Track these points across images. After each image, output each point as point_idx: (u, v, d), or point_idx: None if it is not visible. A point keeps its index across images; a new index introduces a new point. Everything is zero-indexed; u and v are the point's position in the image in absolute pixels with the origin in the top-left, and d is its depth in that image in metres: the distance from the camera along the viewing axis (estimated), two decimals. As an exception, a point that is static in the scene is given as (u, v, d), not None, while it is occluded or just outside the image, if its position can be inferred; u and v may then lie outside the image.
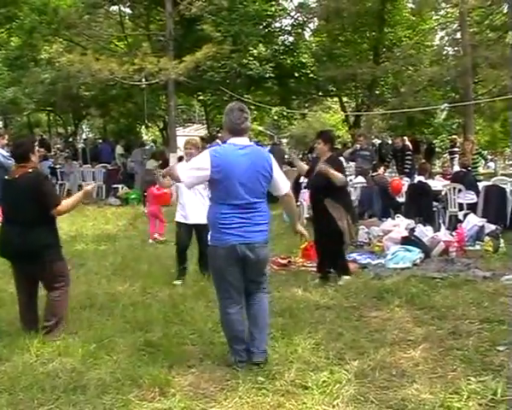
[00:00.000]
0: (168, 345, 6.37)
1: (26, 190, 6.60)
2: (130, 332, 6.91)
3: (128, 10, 28.48)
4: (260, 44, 23.37)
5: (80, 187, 23.61)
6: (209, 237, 5.95)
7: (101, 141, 36.34)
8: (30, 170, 6.72)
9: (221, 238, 5.73)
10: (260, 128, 42.78)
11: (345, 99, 32.74)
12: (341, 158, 20.76)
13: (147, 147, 32.21)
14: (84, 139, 37.97)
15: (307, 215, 15.56)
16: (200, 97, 31.50)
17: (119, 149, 26.01)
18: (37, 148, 7.64)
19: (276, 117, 28.39)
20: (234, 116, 5.86)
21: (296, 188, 17.38)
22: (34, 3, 23.51)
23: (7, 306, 8.05)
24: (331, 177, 8.95)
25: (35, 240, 6.62)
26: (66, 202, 6.93)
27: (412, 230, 11.88)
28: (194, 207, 9.22)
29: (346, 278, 9.37)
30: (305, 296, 8.51)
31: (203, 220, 7.43)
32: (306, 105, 33.93)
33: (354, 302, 8.19)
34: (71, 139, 36.30)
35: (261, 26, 24.79)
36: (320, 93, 31.66)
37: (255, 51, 23.07)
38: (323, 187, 9.12)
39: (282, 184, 6.06)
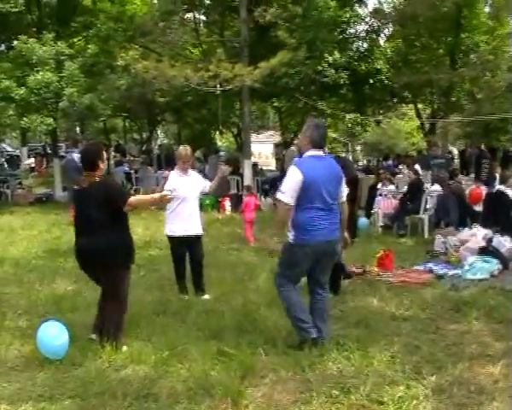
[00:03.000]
0: (241, 354, 6.29)
1: (96, 199, 6.60)
2: (203, 340, 6.87)
3: (203, 17, 28.64)
4: (335, 51, 23.14)
5: (153, 191, 23.95)
6: (291, 236, 6.51)
7: (176, 147, 36.74)
8: (97, 179, 6.70)
9: (309, 238, 6.43)
10: (334, 135, 42.53)
11: (420, 106, 32.14)
12: (417, 166, 20.60)
13: (221, 153, 32.46)
14: (159, 145, 38.42)
15: (382, 224, 15.38)
16: (275, 104, 31.42)
17: (197, 153, 26.18)
18: (113, 153, 7.71)
19: (349, 124, 28.07)
20: (319, 133, 6.68)
21: (371, 195, 17.21)
22: (110, 12, 23.85)
23: (81, 310, 8.15)
24: None
25: (107, 248, 6.61)
26: (139, 197, 7.02)
27: (490, 240, 11.53)
28: (197, 218, 9.07)
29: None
30: (381, 307, 8.34)
31: (201, 231, 8.93)
32: (381, 112, 33.41)
33: (431, 314, 8.00)
34: (145, 145, 36.78)
35: (336, 33, 24.56)
36: (395, 99, 31.16)
37: (330, 58, 22.88)
38: None
39: (344, 192, 6.91)
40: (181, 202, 8.69)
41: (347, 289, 9.39)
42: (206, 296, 8.93)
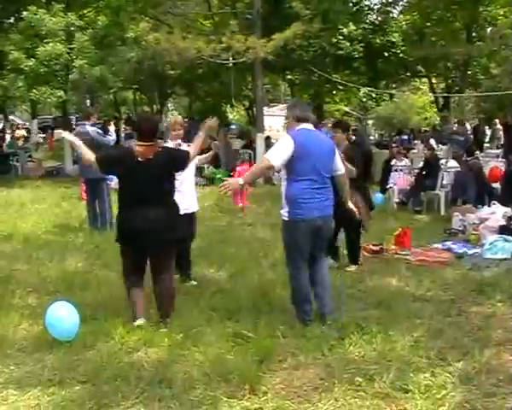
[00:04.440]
0: (258, 337, 6.04)
1: (163, 168, 6.39)
2: (218, 322, 6.61)
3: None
4: (350, 23, 22.73)
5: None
6: (284, 213, 6.46)
7: (187, 120, 36.45)
8: (159, 148, 6.51)
9: (302, 213, 6.32)
10: (347, 109, 42.14)
11: (434, 80, 31.75)
12: (432, 140, 20.30)
13: (233, 126, 32.13)
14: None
15: (397, 200, 15.10)
16: (288, 77, 31.07)
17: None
18: (123, 126, 7.46)
19: (363, 98, 27.77)
20: (301, 108, 6.76)
21: (386, 170, 16.94)
22: (121, -18, 23.53)
23: (92, 289, 7.92)
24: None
25: (168, 220, 6.43)
26: (191, 149, 6.78)
27: (510, 218, 11.26)
28: (193, 195, 8.66)
29: (354, 267, 9.15)
30: (400, 287, 8.09)
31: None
32: (394, 86, 33.06)
33: (452, 295, 7.73)
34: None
35: (350, 4, 24.16)
36: (409, 73, 30.78)
37: (345, 30, 22.49)
38: None
39: (340, 165, 6.86)
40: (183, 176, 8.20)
41: (365, 268, 9.16)
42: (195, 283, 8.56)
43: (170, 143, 8.03)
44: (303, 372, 5.36)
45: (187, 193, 8.31)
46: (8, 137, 32.42)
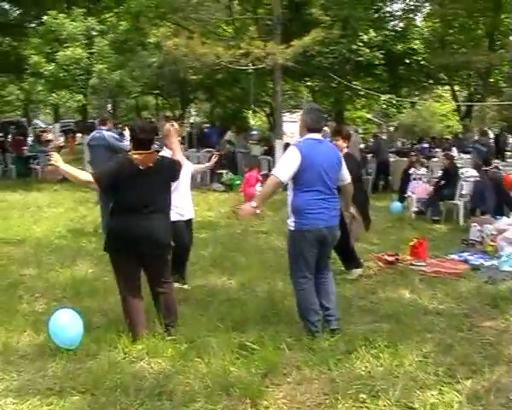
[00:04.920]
0: (264, 349, 5.92)
1: (164, 176, 6.36)
2: (224, 332, 6.49)
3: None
4: (370, 30, 22.54)
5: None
6: (291, 223, 6.46)
7: (208, 125, 36.43)
8: (158, 157, 6.44)
9: (308, 223, 6.31)
10: (369, 116, 41.94)
11: (456, 88, 31.46)
12: (454, 149, 20.06)
13: (254, 132, 32.00)
14: (191, 123, 38.18)
15: (415, 209, 14.92)
16: (308, 83, 30.94)
17: (228, 135, 25.71)
18: None
19: (384, 105, 27.56)
20: (313, 116, 6.61)
21: (405, 179, 16.77)
22: (143, -13, 23.56)
23: (99, 296, 7.85)
24: None
25: (167, 229, 6.38)
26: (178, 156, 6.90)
27: (529, 229, 11.05)
28: (190, 201, 8.43)
29: (357, 271, 9.12)
30: (413, 299, 7.92)
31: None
32: (416, 93, 32.79)
33: (466, 309, 7.55)
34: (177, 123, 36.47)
35: (371, 11, 23.99)
36: (431, 81, 30.52)
37: (365, 37, 22.30)
38: None
39: (347, 175, 6.92)
40: (178, 183, 8.07)
41: (379, 279, 9.02)
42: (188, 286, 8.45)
43: (166, 151, 7.84)
44: (307, 387, 5.24)
45: (184, 200, 8.23)
46: (30, 139, 32.52)
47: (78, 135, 34.63)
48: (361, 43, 22.25)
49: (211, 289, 8.32)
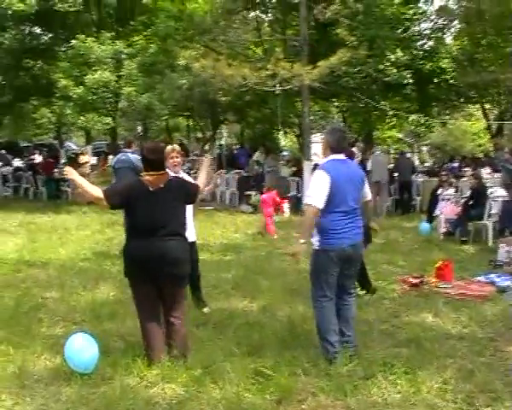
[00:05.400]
0: (279, 375, 5.82)
1: (175, 198, 6.24)
2: (241, 357, 6.41)
3: (265, 16, 28.29)
4: (398, 49, 22.37)
5: (214, 192, 23.64)
6: (315, 242, 6.43)
7: (237, 147, 36.45)
8: (170, 177, 6.38)
9: (333, 243, 6.32)
10: (399, 135, 41.68)
11: (487, 106, 31.14)
12: (487, 168, 19.80)
13: (285, 153, 31.96)
14: (220, 145, 38.22)
15: (444, 229, 14.73)
16: (335, 104, 30.86)
17: (256, 156, 25.69)
18: None
19: (413, 125, 27.33)
20: (336, 137, 6.61)
21: (433, 199, 16.60)
22: (170, 11, 23.72)
23: (118, 320, 7.84)
24: None
25: (183, 251, 6.29)
26: (200, 182, 6.78)
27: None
28: (191, 225, 8.19)
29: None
30: (436, 323, 7.78)
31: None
32: (447, 112, 32.47)
33: (490, 333, 7.39)
34: (207, 144, 36.58)
35: (399, 30, 23.86)
36: (461, 100, 30.20)
37: (392, 56, 22.13)
38: None
39: (368, 192, 6.97)
40: None
41: (402, 301, 8.89)
42: None
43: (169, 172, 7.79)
44: (321, 415, 5.14)
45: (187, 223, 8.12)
46: (64, 162, 32.74)
47: (110, 157, 34.91)
48: (388, 63, 22.06)
49: (231, 313, 8.25)
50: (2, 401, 5.48)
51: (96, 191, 6.21)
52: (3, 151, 31.85)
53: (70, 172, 6.23)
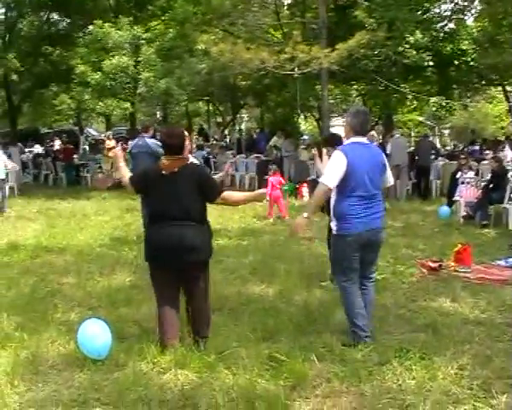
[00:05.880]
0: (293, 360, 5.76)
1: (189, 184, 6.04)
2: (256, 342, 6.33)
3: (284, -1, 28.15)
4: (417, 31, 22.06)
5: (233, 176, 23.58)
6: (334, 226, 6.44)
7: (257, 131, 36.32)
8: (188, 162, 6.25)
9: (349, 227, 6.27)
10: (420, 119, 41.35)
11: (509, 88, 30.75)
12: (506, 152, 19.55)
13: (305, 137, 31.78)
14: (239, 129, 38.17)
15: (464, 213, 14.58)
16: (354, 87, 30.63)
17: (273, 141, 25.52)
18: (195, 137, 7.35)
19: (434, 108, 27.02)
20: (359, 119, 6.52)
21: (453, 182, 16.43)
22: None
23: (134, 305, 7.82)
24: None
25: (201, 238, 6.13)
26: (232, 193, 6.58)
27: None
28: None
29: None
30: (454, 308, 7.66)
31: None
32: (468, 94, 32.09)
33: (509, 318, 7.25)
34: (226, 129, 36.51)
35: (418, 12, 23.54)
36: (483, 82, 29.83)
37: (412, 38, 21.83)
38: None
39: (390, 178, 6.90)
40: None
41: (420, 286, 8.79)
42: None
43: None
44: (335, 401, 5.07)
45: None
46: (84, 147, 32.84)
47: (130, 142, 34.93)
48: (407, 46, 21.77)
49: (247, 298, 8.19)
50: (14, 387, 5.46)
51: (127, 177, 6.39)
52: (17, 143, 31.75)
53: (118, 157, 6.40)
